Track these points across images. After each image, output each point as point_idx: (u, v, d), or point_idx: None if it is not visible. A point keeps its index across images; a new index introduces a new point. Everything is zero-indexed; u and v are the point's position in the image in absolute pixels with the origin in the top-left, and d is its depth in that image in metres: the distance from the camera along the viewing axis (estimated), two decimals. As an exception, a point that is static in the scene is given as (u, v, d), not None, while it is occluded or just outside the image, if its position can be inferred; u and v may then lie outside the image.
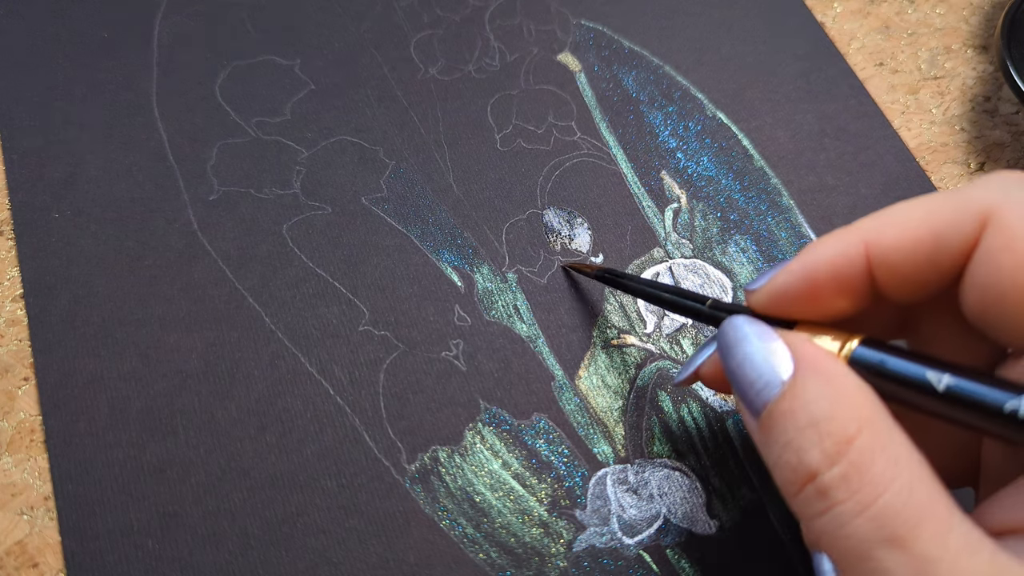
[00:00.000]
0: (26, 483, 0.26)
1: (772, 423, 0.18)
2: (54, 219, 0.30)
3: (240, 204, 0.31)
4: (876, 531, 0.16)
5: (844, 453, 0.16)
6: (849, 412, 0.17)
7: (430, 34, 0.35)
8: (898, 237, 0.18)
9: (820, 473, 0.16)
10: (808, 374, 0.18)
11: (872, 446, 0.16)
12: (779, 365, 0.18)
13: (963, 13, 0.37)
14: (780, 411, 0.18)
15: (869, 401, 0.17)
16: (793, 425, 0.17)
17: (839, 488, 0.16)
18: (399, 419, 0.27)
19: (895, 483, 0.16)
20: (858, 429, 0.16)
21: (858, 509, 0.16)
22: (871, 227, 0.19)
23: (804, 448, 0.17)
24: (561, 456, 0.27)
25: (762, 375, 0.18)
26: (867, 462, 0.16)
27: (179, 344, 0.28)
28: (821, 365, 0.18)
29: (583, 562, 0.25)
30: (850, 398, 0.17)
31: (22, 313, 0.28)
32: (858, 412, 0.17)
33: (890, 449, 0.16)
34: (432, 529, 0.25)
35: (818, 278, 0.19)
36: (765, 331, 0.19)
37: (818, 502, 0.17)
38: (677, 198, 0.32)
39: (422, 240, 0.30)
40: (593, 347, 0.28)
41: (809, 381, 0.17)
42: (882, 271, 0.19)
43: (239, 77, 0.33)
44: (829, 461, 0.16)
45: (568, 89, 0.34)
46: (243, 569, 0.24)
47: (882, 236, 0.19)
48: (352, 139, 0.32)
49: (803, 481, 0.17)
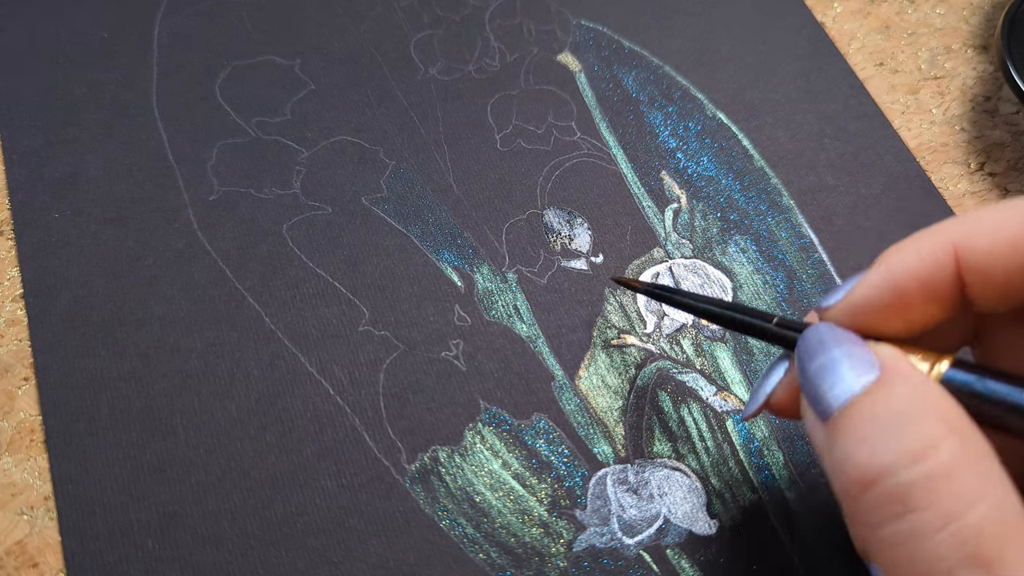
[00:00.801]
0: (26, 483, 0.26)
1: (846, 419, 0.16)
2: (54, 219, 0.30)
3: (240, 204, 0.31)
4: (959, 548, 0.14)
5: (929, 456, 0.15)
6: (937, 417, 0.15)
7: (430, 34, 0.35)
8: (992, 240, 0.17)
9: (897, 471, 0.15)
10: (895, 377, 0.16)
11: (962, 455, 0.15)
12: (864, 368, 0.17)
13: (963, 13, 0.37)
14: (858, 408, 0.16)
15: (959, 414, 0.16)
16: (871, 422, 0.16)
17: (919, 493, 0.15)
18: (399, 419, 0.27)
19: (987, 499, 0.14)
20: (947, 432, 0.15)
21: (940, 521, 0.14)
22: (960, 230, 0.18)
23: (881, 444, 0.15)
24: (561, 456, 0.27)
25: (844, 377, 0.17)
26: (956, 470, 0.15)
27: (179, 344, 0.28)
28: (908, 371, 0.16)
29: (583, 562, 0.25)
30: (938, 405, 0.16)
31: (22, 313, 0.28)
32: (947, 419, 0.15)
33: (982, 463, 0.15)
34: (432, 529, 0.25)
35: (906, 287, 0.18)
36: (851, 337, 0.18)
37: (891, 505, 0.15)
38: (677, 198, 0.32)
39: (422, 240, 0.30)
40: (593, 347, 0.28)
41: (896, 383, 0.16)
42: (973, 276, 0.18)
43: (239, 77, 0.33)
44: (911, 459, 0.15)
45: (568, 89, 0.34)
46: (243, 569, 0.24)
47: (974, 238, 0.17)
48: (352, 139, 0.32)
49: (873, 478, 0.15)
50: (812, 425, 0.18)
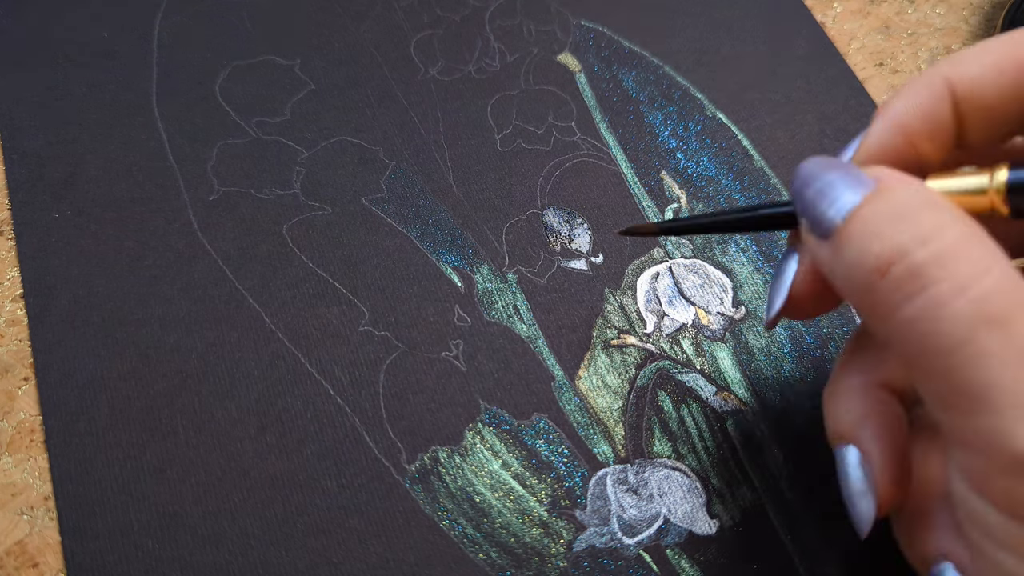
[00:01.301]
0: (26, 483, 0.26)
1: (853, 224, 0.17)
2: (54, 219, 0.30)
3: (240, 204, 0.31)
4: (977, 312, 0.15)
5: (937, 237, 0.16)
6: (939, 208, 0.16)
7: (430, 34, 0.35)
8: (983, 69, 0.18)
9: (911, 251, 0.16)
10: (892, 183, 0.17)
11: (968, 236, 0.16)
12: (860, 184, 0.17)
13: (963, 13, 0.37)
14: (863, 213, 0.17)
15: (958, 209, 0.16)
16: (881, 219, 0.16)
17: (933, 268, 0.15)
18: (399, 419, 0.27)
19: (995, 268, 0.15)
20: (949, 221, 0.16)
21: (956, 290, 0.15)
22: (951, 63, 0.19)
23: (891, 232, 0.16)
24: (561, 456, 0.27)
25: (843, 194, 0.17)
26: (964, 246, 0.15)
27: (179, 344, 0.28)
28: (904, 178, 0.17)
29: (583, 562, 0.25)
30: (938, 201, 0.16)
31: (22, 313, 0.28)
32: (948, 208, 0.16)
33: (986, 242, 0.16)
34: (432, 529, 0.25)
35: (910, 125, 0.19)
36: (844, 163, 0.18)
37: (909, 283, 0.16)
38: (677, 198, 0.32)
39: (422, 240, 0.30)
40: (593, 347, 0.28)
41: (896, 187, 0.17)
42: (968, 105, 0.18)
43: (239, 77, 0.33)
44: (921, 240, 0.16)
45: (568, 89, 0.34)
46: (243, 569, 0.24)
47: (964, 68, 0.18)
48: (352, 139, 0.32)
49: (888, 262, 0.16)
50: (816, 247, 0.18)
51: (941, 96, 0.19)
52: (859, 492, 0.19)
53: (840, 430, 0.20)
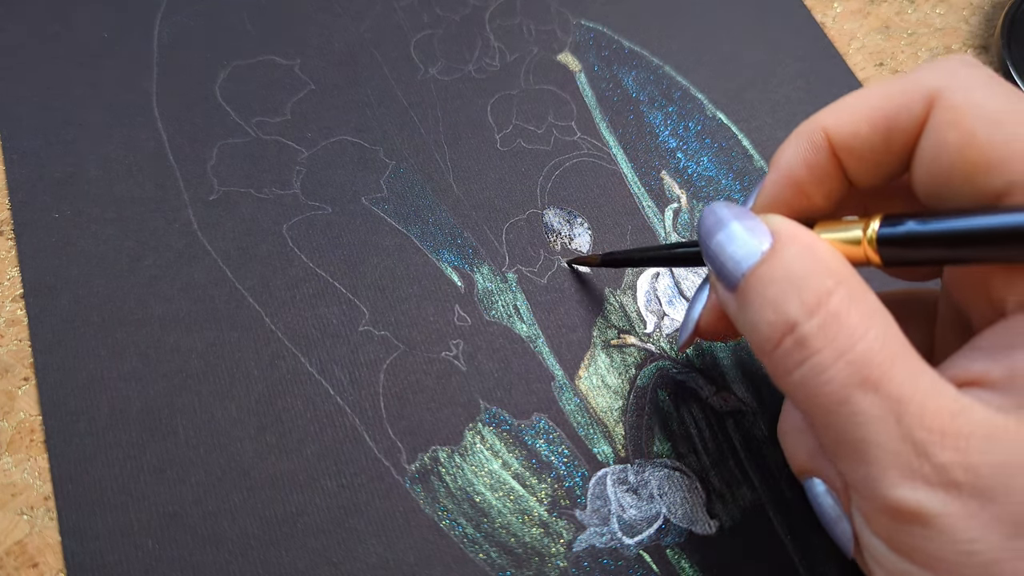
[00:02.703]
0: (26, 483, 0.26)
1: (752, 285, 0.18)
2: (54, 219, 0.30)
3: (240, 204, 0.31)
4: (853, 375, 0.17)
5: (823, 304, 0.17)
6: (826, 270, 0.18)
7: (430, 34, 0.35)
8: (855, 120, 0.20)
9: (799, 324, 0.17)
10: (787, 241, 0.18)
11: (848, 299, 0.17)
12: (759, 238, 0.19)
13: (963, 13, 0.37)
14: (760, 273, 0.18)
15: (844, 265, 0.18)
16: (773, 284, 0.18)
17: (817, 336, 0.17)
18: (399, 419, 0.27)
19: (870, 331, 0.17)
20: (835, 284, 0.17)
21: (835, 356, 0.17)
22: (829, 114, 0.20)
23: (783, 302, 0.18)
24: (561, 456, 0.27)
25: (743, 246, 0.19)
26: (844, 313, 0.17)
27: (179, 344, 0.28)
28: (798, 234, 0.19)
29: (583, 562, 0.25)
30: (826, 260, 0.18)
31: (22, 313, 0.28)
32: (835, 271, 0.18)
33: (864, 304, 0.17)
34: (432, 529, 0.25)
35: (796, 174, 0.20)
36: (743, 212, 0.20)
37: (797, 352, 0.17)
38: (677, 198, 0.32)
39: (422, 240, 0.30)
40: (593, 347, 0.28)
41: (788, 247, 0.18)
42: (843, 154, 0.20)
43: (239, 77, 0.33)
44: (808, 312, 0.17)
45: (568, 89, 0.34)
46: (243, 569, 0.24)
47: (841, 121, 0.20)
48: (352, 139, 0.32)
49: (782, 334, 0.18)
50: (724, 297, 0.20)
51: (820, 147, 0.20)
52: (833, 519, 0.20)
53: (800, 465, 0.21)
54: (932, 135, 0.18)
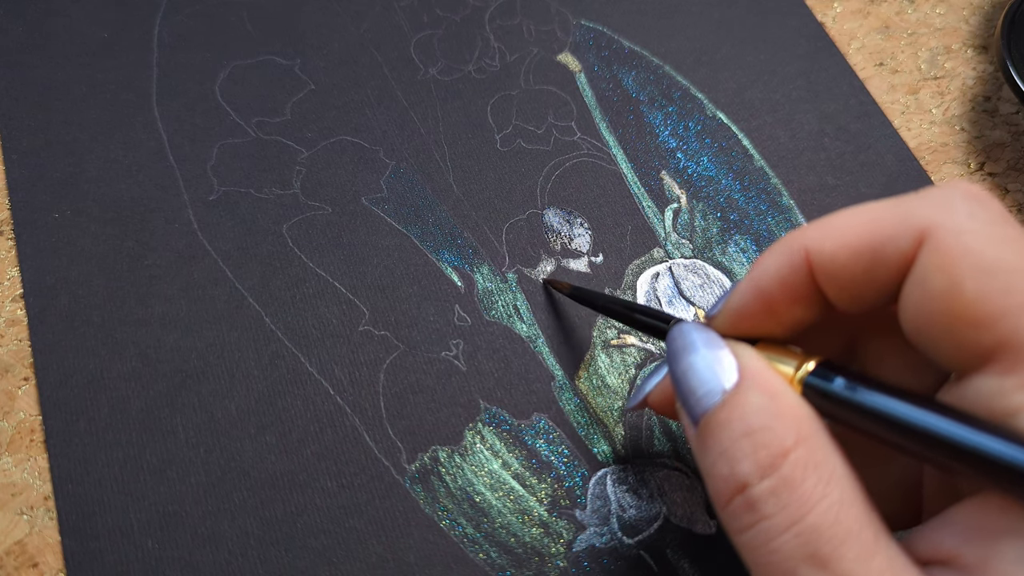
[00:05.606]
0: (26, 483, 0.26)
1: (709, 431, 0.18)
2: (54, 219, 0.30)
3: (240, 204, 0.31)
4: (800, 548, 0.16)
5: (777, 466, 0.16)
6: (787, 426, 0.17)
7: (430, 34, 0.35)
8: (837, 246, 0.18)
9: (751, 485, 0.16)
10: (750, 385, 0.17)
11: (806, 462, 0.16)
12: (723, 374, 0.18)
13: (963, 13, 0.37)
14: (718, 420, 0.17)
15: (808, 419, 0.17)
16: (729, 435, 0.17)
17: (768, 502, 0.16)
18: (399, 419, 0.27)
19: (824, 501, 0.16)
20: (794, 443, 0.16)
21: (785, 525, 0.16)
22: (812, 234, 0.19)
23: (737, 459, 0.17)
24: (561, 456, 0.27)
25: (705, 382, 0.18)
26: (799, 478, 0.16)
27: (179, 344, 0.28)
28: (764, 378, 0.18)
29: (583, 562, 0.25)
30: (789, 413, 0.17)
31: (22, 313, 0.28)
32: (796, 427, 0.17)
33: (824, 467, 0.16)
34: (432, 529, 0.25)
35: (769, 290, 0.19)
36: (712, 338, 0.19)
37: (746, 515, 0.16)
38: (677, 198, 0.32)
39: (422, 240, 0.30)
40: (593, 347, 0.28)
41: (750, 392, 0.17)
42: (823, 280, 0.18)
43: (239, 77, 0.33)
44: (761, 473, 0.16)
45: (568, 89, 0.34)
46: (243, 569, 0.24)
47: (823, 244, 0.18)
48: (352, 139, 0.32)
49: (733, 492, 0.17)
50: (686, 425, 0.19)
51: (799, 268, 0.19)
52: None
53: None
54: (918, 277, 0.17)
